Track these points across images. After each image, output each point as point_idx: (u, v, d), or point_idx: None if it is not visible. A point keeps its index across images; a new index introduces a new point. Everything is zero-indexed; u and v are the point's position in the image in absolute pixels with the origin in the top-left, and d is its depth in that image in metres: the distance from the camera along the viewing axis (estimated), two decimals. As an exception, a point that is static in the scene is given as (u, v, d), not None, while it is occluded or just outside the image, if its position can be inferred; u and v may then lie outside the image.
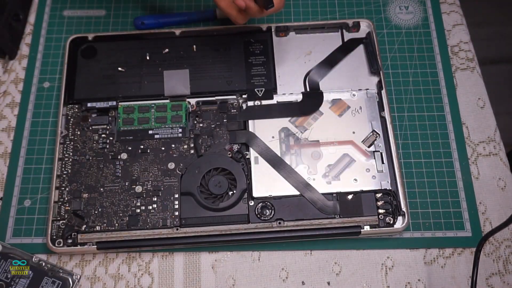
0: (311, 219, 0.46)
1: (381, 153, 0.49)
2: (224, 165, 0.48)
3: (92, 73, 0.52)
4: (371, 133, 0.49)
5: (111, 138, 0.50)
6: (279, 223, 0.46)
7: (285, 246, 0.47)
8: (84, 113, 0.51)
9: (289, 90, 0.52)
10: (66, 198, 0.47)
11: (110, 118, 0.50)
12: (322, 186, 0.47)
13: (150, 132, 0.50)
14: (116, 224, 0.46)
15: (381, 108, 0.50)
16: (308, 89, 0.52)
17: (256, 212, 0.46)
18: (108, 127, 0.50)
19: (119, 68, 0.52)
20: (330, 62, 0.53)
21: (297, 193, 0.47)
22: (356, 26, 0.54)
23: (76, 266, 0.47)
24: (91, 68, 0.53)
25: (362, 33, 0.55)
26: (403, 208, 0.46)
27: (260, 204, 0.47)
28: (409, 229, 0.48)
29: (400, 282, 0.46)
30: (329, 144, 0.49)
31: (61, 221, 0.46)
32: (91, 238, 0.46)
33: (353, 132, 0.49)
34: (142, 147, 0.49)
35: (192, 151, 0.49)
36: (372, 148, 0.49)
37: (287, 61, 0.53)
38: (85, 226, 0.46)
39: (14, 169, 0.50)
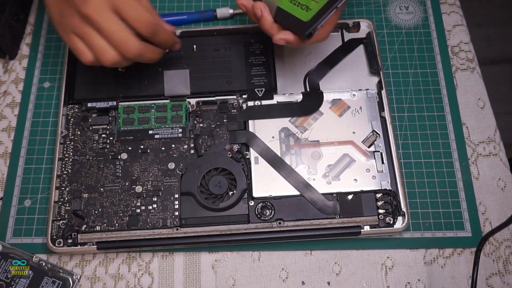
0: (311, 219, 0.46)
1: (381, 153, 0.49)
2: (224, 165, 0.48)
3: (92, 73, 0.52)
4: (371, 133, 0.49)
5: (111, 138, 0.50)
6: (279, 223, 0.46)
7: (285, 246, 0.47)
8: (84, 113, 0.51)
9: (289, 90, 0.52)
10: (66, 198, 0.47)
11: (110, 118, 0.50)
12: (322, 186, 0.47)
13: (150, 132, 0.50)
14: (116, 224, 0.46)
15: (381, 108, 0.50)
16: (308, 89, 0.52)
17: (256, 212, 0.46)
18: (108, 127, 0.50)
19: (119, 68, 0.52)
20: (330, 62, 0.53)
21: (297, 193, 0.47)
22: (356, 26, 0.54)
23: (76, 266, 0.47)
24: (91, 68, 0.52)
25: (362, 33, 0.55)
26: (403, 208, 0.46)
27: (260, 204, 0.47)
28: (409, 229, 0.48)
29: (400, 282, 0.46)
30: (329, 144, 0.49)
31: (61, 221, 0.46)
32: (91, 238, 0.46)
33: (353, 132, 0.49)
34: (142, 147, 0.49)
35: (192, 151, 0.49)
36: (372, 148, 0.49)
37: (287, 61, 0.53)
38: (85, 226, 0.46)
39: (14, 169, 0.50)
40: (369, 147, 0.49)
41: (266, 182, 0.47)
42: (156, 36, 0.43)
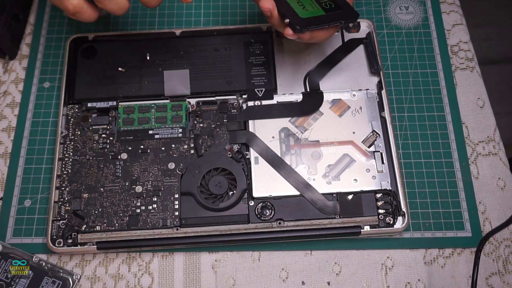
0: (311, 219, 0.46)
1: (381, 153, 0.49)
2: (224, 165, 0.48)
3: (92, 73, 0.52)
4: (371, 133, 0.49)
5: (111, 138, 0.50)
6: (279, 223, 0.46)
7: (285, 246, 0.48)
8: (84, 113, 0.51)
9: (289, 90, 0.52)
10: (66, 198, 0.47)
11: (110, 118, 0.50)
12: (322, 186, 0.47)
13: (150, 132, 0.50)
14: (116, 224, 0.46)
15: (381, 108, 0.50)
16: (308, 89, 0.52)
17: (256, 212, 0.47)
18: (108, 127, 0.50)
19: (119, 68, 0.52)
20: (330, 62, 0.53)
21: (297, 193, 0.47)
22: (356, 26, 0.54)
23: (76, 266, 0.47)
24: (91, 68, 0.53)
25: (362, 33, 0.55)
26: (403, 208, 0.46)
27: (260, 204, 0.47)
28: (409, 229, 0.48)
29: (400, 282, 0.46)
30: (329, 144, 0.49)
31: (61, 221, 0.46)
32: (91, 238, 0.46)
33: (353, 132, 0.49)
34: (142, 147, 0.49)
35: (192, 151, 0.49)
36: (372, 148, 0.49)
37: (287, 61, 0.53)
38: (85, 226, 0.46)
39: (14, 169, 0.50)
40: (369, 147, 0.49)
41: (266, 182, 0.47)
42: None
